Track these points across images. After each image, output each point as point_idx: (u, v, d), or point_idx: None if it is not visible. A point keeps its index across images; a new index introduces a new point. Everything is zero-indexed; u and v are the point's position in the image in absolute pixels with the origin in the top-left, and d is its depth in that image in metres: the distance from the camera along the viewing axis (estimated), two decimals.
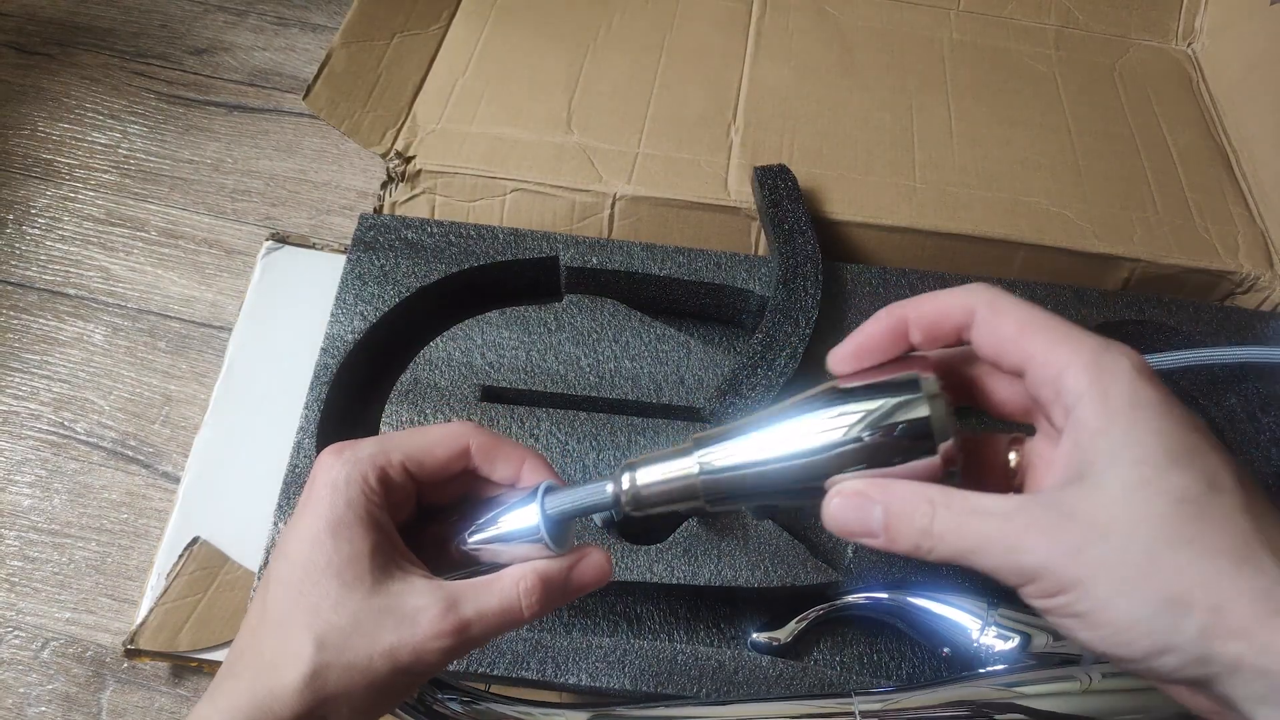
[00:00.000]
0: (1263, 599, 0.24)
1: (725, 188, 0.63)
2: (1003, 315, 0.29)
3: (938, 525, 0.28)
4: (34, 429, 0.62)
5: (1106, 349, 0.28)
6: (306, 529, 0.31)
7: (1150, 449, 0.26)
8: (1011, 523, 0.27)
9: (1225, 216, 0.65)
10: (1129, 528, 0.25)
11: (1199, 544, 0.25)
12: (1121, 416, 0.26)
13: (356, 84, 0.64)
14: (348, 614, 0.30)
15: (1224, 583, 0.24)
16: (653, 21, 0.73)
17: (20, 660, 0.54)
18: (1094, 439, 0.27)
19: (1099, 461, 0.27)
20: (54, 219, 0.71)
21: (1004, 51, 0.74)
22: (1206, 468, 0.26)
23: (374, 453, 0.32)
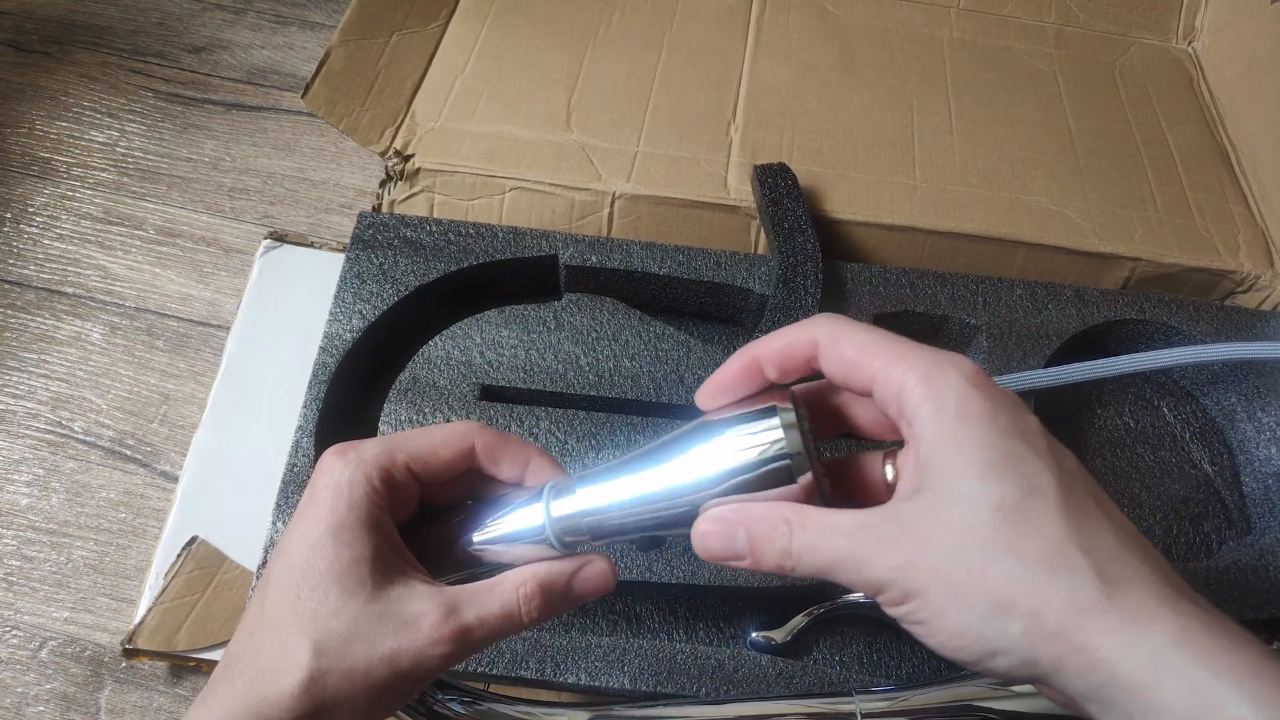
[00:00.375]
0: (1072, 600, 0.25)
1: (725, 186, 0.62)
2: (842, 342, 0.30)
3: (795, 545, 0.29)
4: (32, 428, 0.61)
5: (938, 363, 0.29)
6: (307, 531, 0.31)
7: (972, 460, 0.27)
8: (858, 538, 0.28)
9: (1226, 215, 0.65)
10: (956, 539, 0.26)
11: (1016, 551, 0.26)
12: (949, 429, 0.28)
13: (355, 82, 0.64)
14: (347, 620, 0.29)
15: (1040, 587, 0.25)
16: (652, 19, 0.73)
17: (18, 660, 0.54)
18: (928, 452, 0.28)
19: (930, 474, 0.28)
20: (52, 217, 0.71)
21: (1004, 50, 0.74)
22: (1025, 474, 0.27)
23: (378, 453, 0.32)
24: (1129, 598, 0.25)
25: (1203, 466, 0.59)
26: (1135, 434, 0.60)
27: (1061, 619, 0.25)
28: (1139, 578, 0.25)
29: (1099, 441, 0.59)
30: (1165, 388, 0.62)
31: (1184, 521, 0.57)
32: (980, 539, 0.26)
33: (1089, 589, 0.25)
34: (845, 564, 0.28)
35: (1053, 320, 0.58)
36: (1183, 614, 0.24)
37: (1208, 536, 0.57)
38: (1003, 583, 0.26)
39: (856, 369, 0.30)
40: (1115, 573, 0.25)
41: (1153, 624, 0.24)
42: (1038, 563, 0.25)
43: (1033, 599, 0.25)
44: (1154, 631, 0.24)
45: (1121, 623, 0.24)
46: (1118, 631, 0.24)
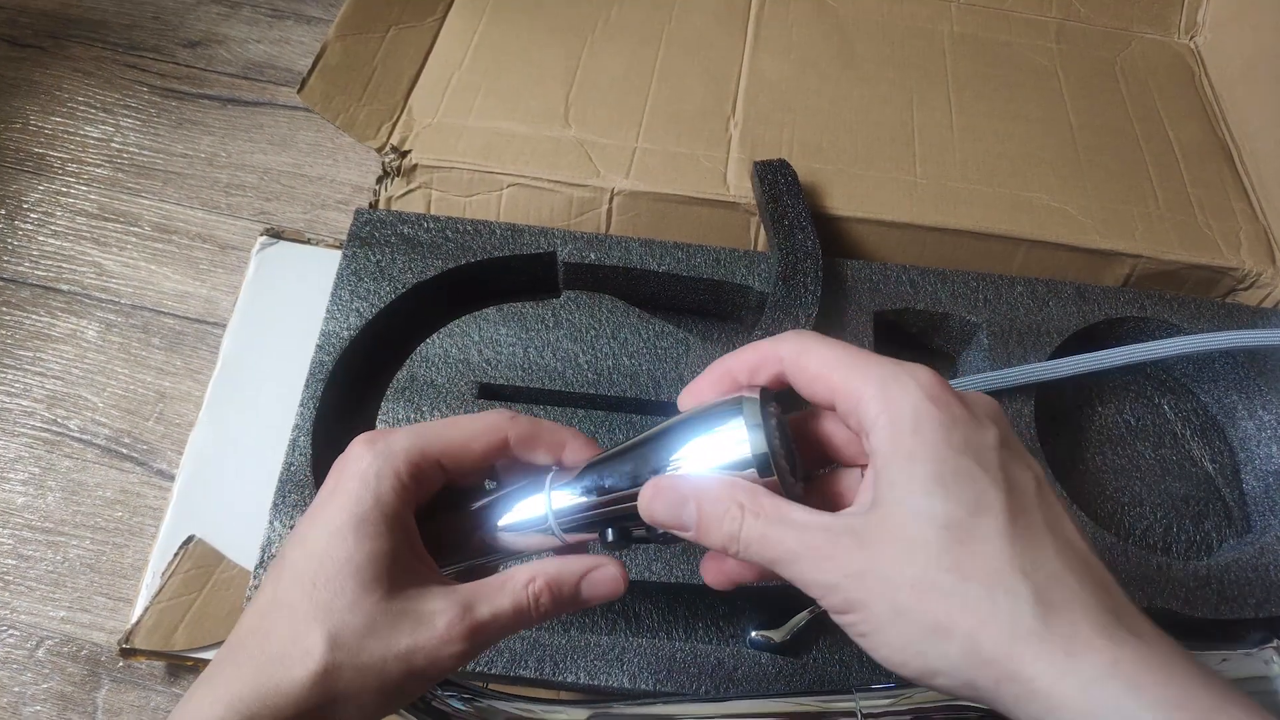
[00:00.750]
0: (1010, 626, 0.25)
1: (724, 183, 0.62)
2: (806, 357, 0.31)
3: (745, 531, 0.29)
4: (27, 426, 0.61)
5: (895, 375, 0.29)
6: (329, 521, 0.31)
7: (922, 477, 0.27)
8: (809, 538, 0.28)
9: (1227, 212, 0.65)
10: (902, 554, 0.27)
11: (959, 571, 0.26)
12: (903, 443, 0.28)
13: (352, 77, 0.63)
14: (363, 615, 0.29)
15: (979, 610, 0.25)
16: (651, 14, 0.73)
17: (15, 659, 0.54)
18: (883, 465, 0.28)
19: (883, 487, 0.28)
20: (46, 214, 0.70)
21: (1005, 45, 0.74)
22: (972, 492, 0.27)
23: (408, 446, 0.32)
24: (1066, 625, 0.25)
25: (1203, 464, 0.59)
26: (1136, 431, 0.60)
27: (998, 645, 0.25)
28: (1079, 603, 0.25)
29: (1099, 439, 0.59)
30: (1166, 385, 0.62)
31: (1184, 519, 0.57)
32: (925, 557, 0.26)
33: (1027, 615, 0.25)
34: (792, 561, 0.28)
35: (1053, 318, 0.58)
36: (1119, 643, 0.24)
37: (1208, 534, 0.57)
38: (943, 603, 0.26)
39: (819, 383, 0.30)
40: (1056, 597, 0.25)
41: (1087, 654, 0.24)
42: (979, 584, 0.25)
43: (971, 622, 0.25)
44: (1087, 662, 0.24)
45: (1057, 652, 0.24)
46: (1053, 660, 0.24)
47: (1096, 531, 0.52)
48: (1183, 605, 0.50)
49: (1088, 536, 0.28)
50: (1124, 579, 0.49)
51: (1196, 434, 0.60)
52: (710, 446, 0.31)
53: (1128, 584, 0.50)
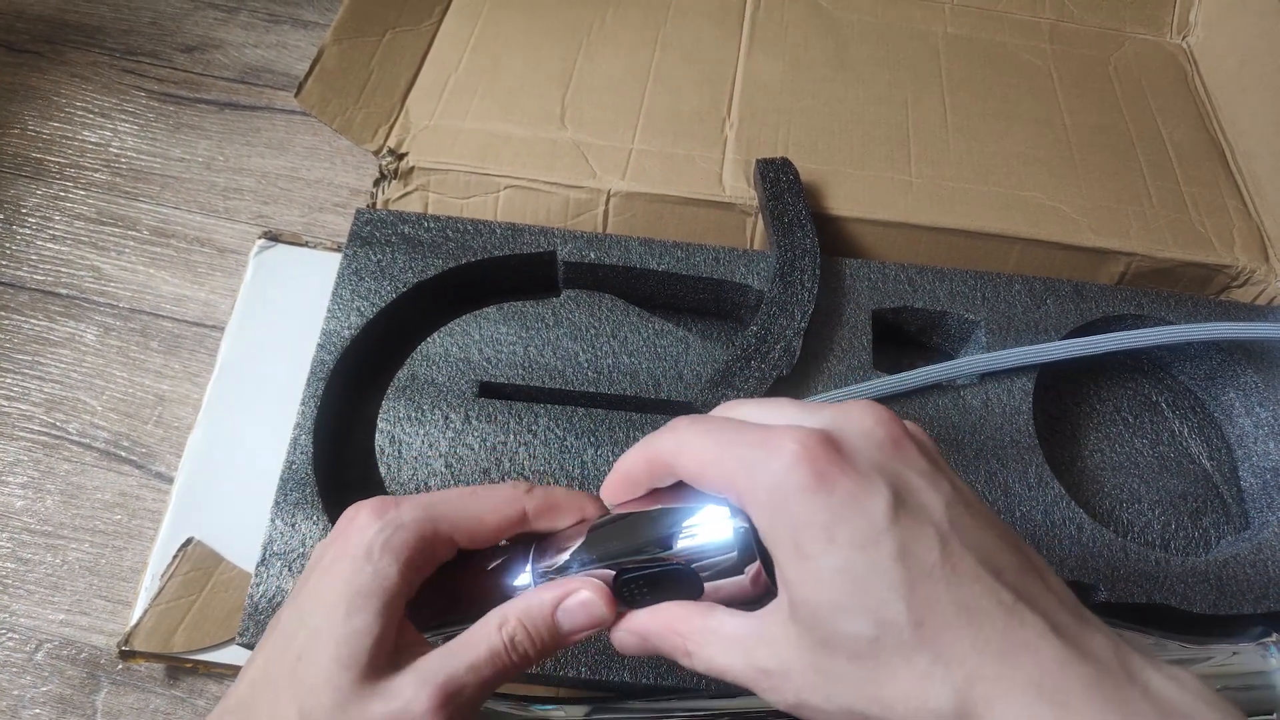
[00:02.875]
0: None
1: (720, 183, 0.62)
2: (683, 457, 0.30)
3: (698, 665, 0.30)
4: (26, 430, 0.61)
5: (756, 464, 0.27)
6: (326, 593, 0.30)
7: (819, 602, 0.26)
8: (747, 664, 0.28)
9: (1220, 210, 0.65)
10: (825, 688, 0.27)
11: (880, 700, 0.26)
12: (790, 557, 0.27)
13: (348, 81, 0.64)
14: (334, 693, 0.29)
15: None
16: (646, 16, 0.73)
17: (14, 662, 0.54)
18: (782, 577, 0.28)
19: (794, 603, 0.27)
20: (44, 218, 0.70)
21: (998, 45, 0.74)
22: (873, 604, 0.26)
23: (420, 519, 0.31)
24: (998, 714, 0.25)
25: (1201, 461, 0.59)
26: (1134, 428, 0.60)
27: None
28: (1000, 693, 0.25)
29: (1097, 436, 0.59)
30: (1163, 382, 0.62)
31: (1182, 516, 0.57)
32: (847, 690, 0.26)
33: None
34: (748, 686, 0.29)
35: (1051, 315, 0.58)
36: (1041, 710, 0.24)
37: (1206, 531, 0.57)
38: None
39: (701, 482, 0.29)
40: (977, 695, 0.25)
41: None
42: (903, 706, 0.25)
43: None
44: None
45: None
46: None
47: (1095, 529, 0.52)
48: (1181, 601, 0.50)
49: (1010, 552, 0.27)
50: (1123, 575, 0.50)
51: (1194, 431, 0.61)
52: (693, 533, 0.30)
53: (1126, 581, 0.50)
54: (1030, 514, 0.52)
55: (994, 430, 0.54)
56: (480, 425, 0.53)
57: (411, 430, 0.52)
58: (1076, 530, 0.52)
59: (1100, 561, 0.51)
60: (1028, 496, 0.53)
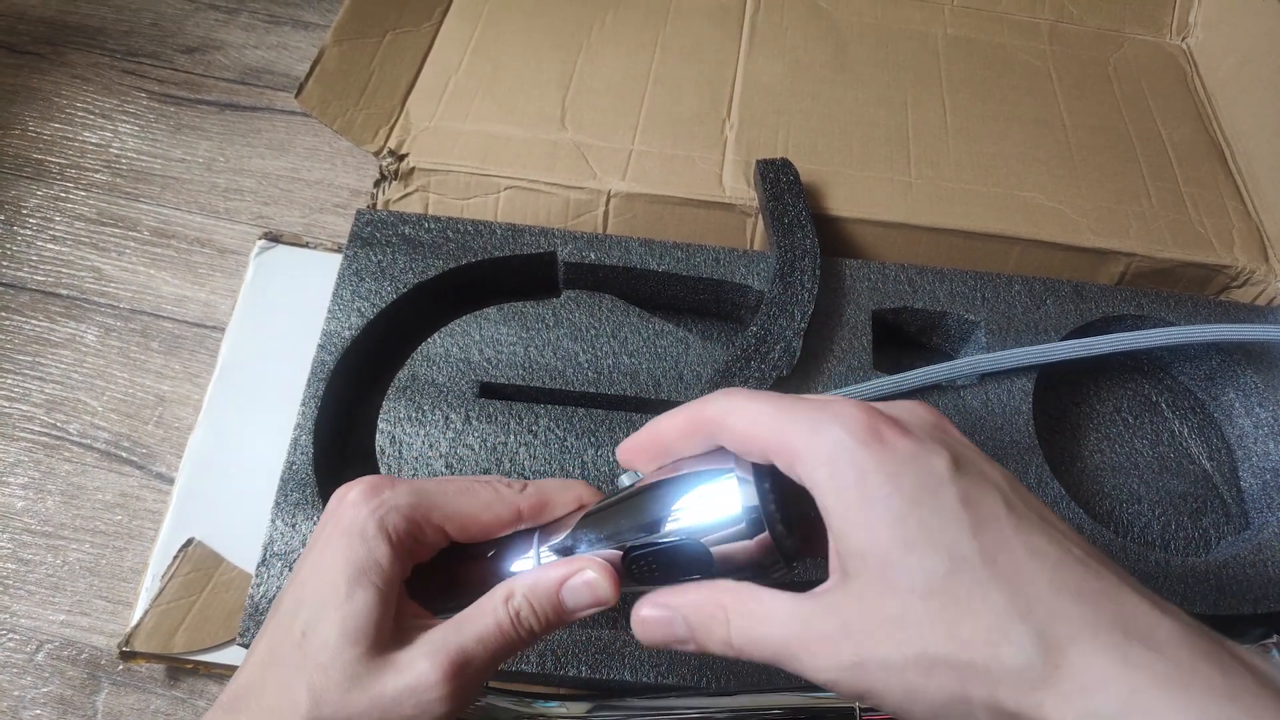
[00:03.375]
0: (1024, 678, 0.24)
1: (720, 184, 0.62)
2: (733, 416, 0.29)
3: (734, 636, 0.29)
4: (26, 431, 0.61)
5: (819, 427, 0.27)
6: (324, 571, 0.30)
7: (888, 543, 0.26)
8: (794, 632, 0.27)
9: (1220, 210, 0.66)
10: (894, 637, 0.25)
11: (957, 638, 0.25)
12: (854, 508, 0.26)
13: (349, 82, 0.64)
14: (346, 668, 0.29)
15: (990, 671, 0.24)
16: (646, 17, 0.73)
17: (14, 663, 0.54)
18: (840, 532, 0.27)
19: (851, 559, 0.27)
20: (45, 219, 0.70)
21: (998, 46, 0.74)
22: (944, 544, 0.25)
23: (412, 504, 0.32)
24: (1077, 663, 0.24)
25: (1201, 461, 0.59)
26: (1134, 429, 0.60)
27: (1017, 699, 0.24)
28: (1086, 630, 0.24)
29: (1098, 437, 0.59)
30: (1163, 383, 0.62)
31: (1182, 516, 0.57)
32: (919, 634, 0.25)
33: (1038, 664, 0.24)
34: (788, 659, 0.27)
35: (1051, 316, 0.58)
36: (1135, 667, 0.23)
37: (1206, 532, 0.57)
38: (954, 675, 0.25)
39: (751, 443, 0.29)
40: (1060, 631, 0.24)
41: (1104, 690, 0.23)
42: (982, 645, 0.24)
43: (986, 689, 0.24)
44: (1105, 699, 0.23)
45: (1074, 693, 0.24)
46: (1072, 703, 0.23)
47: (1095, 529, 0.52)
48: (1181, 601, 0.50)
49: (1071, 531, 0.27)
50: None
51: (1194, 432, 0.61)
52: (700, 506, 0.30)
53: None
54: None
55: (994, 430, 0.55)
56: (480, 426, 0.53)
57: (412, 431, 0.52)
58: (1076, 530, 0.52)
59: None
60: None
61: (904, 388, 0.54)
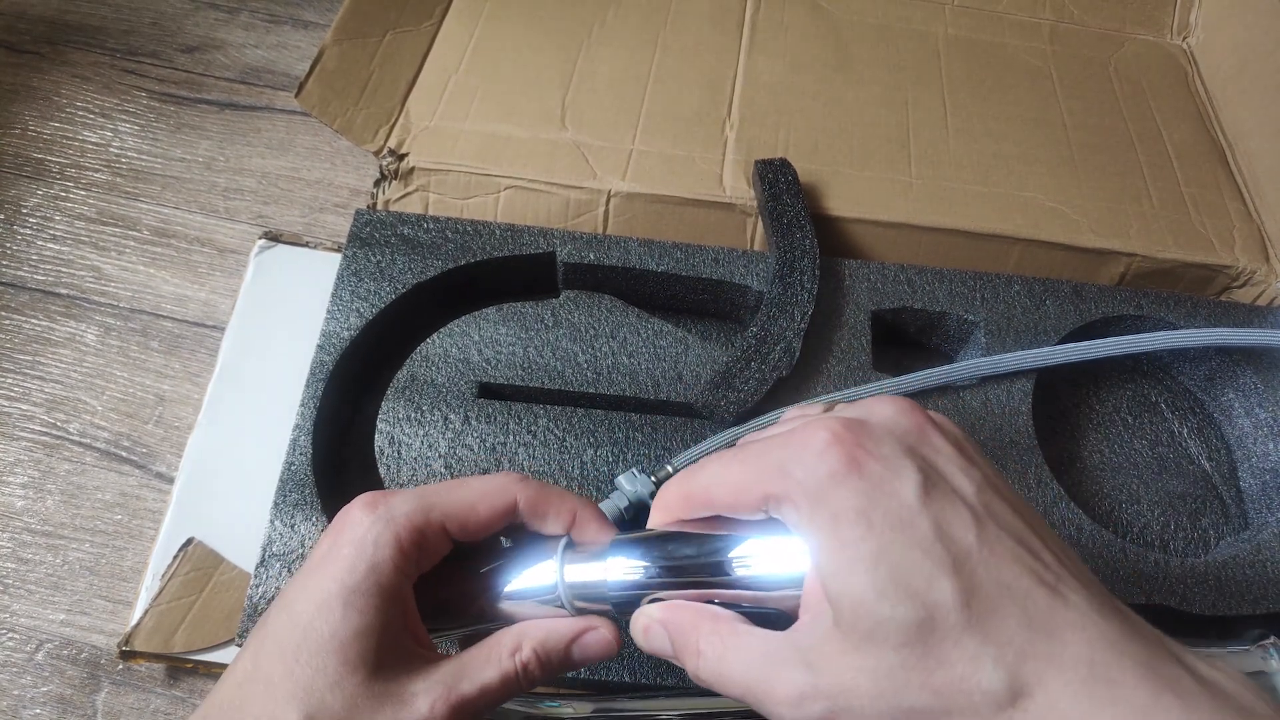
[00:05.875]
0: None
1: (720, 184, 0.62)
2: (718, 490, 0.30)
3: (703, 667, 0.28)
4: (26, 430, 0.61)
5: (785, 468, 0.27)
6: (318, 590, 0.29)
7: (859, 589, 0.25)
8: (763, 674, 0.27)
9: (1221, 211, 0.65)
10: (870, 685, 0.25)
11: (930, 687, 0.25)
12: (827, 550, 0.26)
13: (349, 81, 0.64)
14: (344, 696, 0.28)
15: (965, 714, 0.24)
16: (647, 17, 0.73)
17: (14, 662, 0.54)
18: (816, 574, 0.27)
19: (830, 601, 0.26)
20: (45, 218, 0.70)
21: (999, 46, 0.74)
22: (917, 588, 0.25)
23: (410, 510, 0.31)
24: (1043, 704, 0.24)
25: (1200, 462, 0.59)
26: (1133, 429, 0.60)
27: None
28: (1051, 672, 0.24)
29: (1097, 437, 0.59)
30: (1163, 383, 0.62)
31: (1181, 517, 0.57)
32: (894, 686, 0.25)
33: (1005, 706, 0.24)
34: (754, 701, 0.27)
35: (1050, 316, 0.58)
36: (1099, 706, 0.23)
37: (1205, 532, 0.57)
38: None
39: (740, 503, 0.29)
40: (1028, 674, 0.24)
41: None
42: (955, 693, 0.24)
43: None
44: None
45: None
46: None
47: (1095, 529, 0.52)
48: (1180, 602, 0.50)
49: (1044, 542, 0.27)
50: (1122, 576, 0.50)
51: (1194, 432, 0.61)
52: (761, 566, 0.29)
53: (1126, 581, 0.50)
54: None
55: (994, 431, 0.54)
56: (480, 426, 0.53)
57: (411, 431, 0.52)
58: (1076, 531, 0.52)
59: (1100, 562, 0.51)
60: (1027, 497, 0.52)
61: (903, 389, 0.54)
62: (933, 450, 0.28)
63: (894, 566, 0.25)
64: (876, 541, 0.25)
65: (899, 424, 0.28)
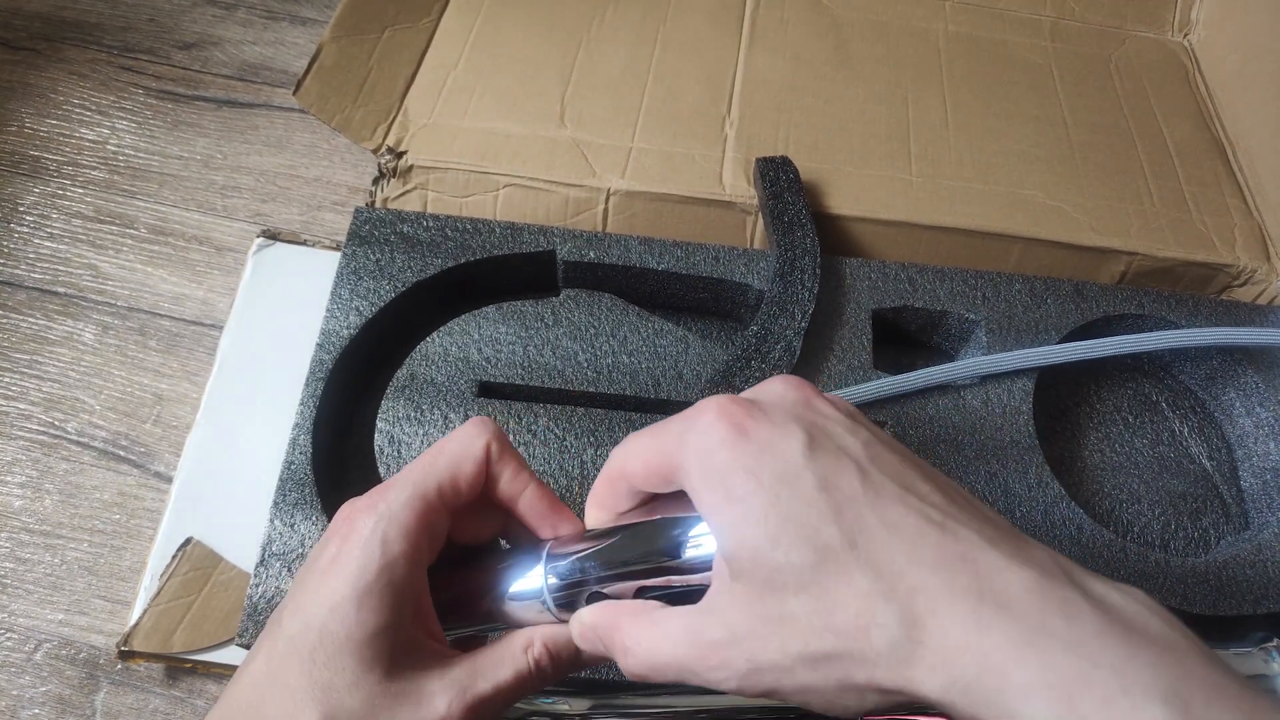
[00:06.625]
0: (895, 661, 0.25)
1: (720, 182, 0.62)
2: (630, 463, 0.31)
3: (633, 665, 0.29)
4: (24, 429, 0.61)
5: (682, 438, 0.28)
6: (331, 592, 0.29)
7: (754, 541, 0.26)
8: (689, 651, 0.28)
9: (1222, 209, 0.65)
10: (779, 637, 0.26)
11: (833, 629, 0.25)
12: (722, 509, 0.27)
13: (347, 78, 0.63)
14: (363, 696, 0.28)
15: (866, 658, 0.25)
16: (646, 14, 0.73)
17: (13, 662, 0.54)
18: (718, 536, 0.27)
19: (730, 564, 0.27)
20: (42, 217, 0.70)
21: (999, 43, 0.74)
22: (807, 535, 0.26)
23: (409, 500, 0.31)
24: (936, 635, 0.24)
25: (1201, 461, 0.59)
26: (1134, 429, 0.60)
27: (893, 678, 0.25)
28: (942, 603, 0.24)
29: (1097, 437, 0.59)
30: (1164, 383, 0.62)
31: (1182, 516, 0.57)
32: (798, 630, 0.26)
33: (902, 642, 0.24)
34: (689, 677, 0.28)
35: (1051, 315, 0.58)
36: (986, 630, 0.24)
37: (1205, 532, 0.57)
38: (837, 665, 0.25)
39: (651, 481, 0.30)
40: (920, 607, 0.25)
41: (961, 657, 0.24)
42: (854, 632, 0.25)
43: (864, 671, 0.25)
44: (964, 666, 0.24)
45: (938, 665, 0.24)
46: (937, 675, 0.24)
47: (1095, 529, 0.52)
48: (1181, 602, 0.50)
49: (932, 486, 0.27)
50: (1122, 576, 0.50)
51: (1194, 431, 0.60)
52: (701, 542, 0.30)
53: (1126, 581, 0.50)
54: (1030, 514, 0.52)
55: (994, 430, 0.54)
56: None
57: (411, 430, 0.52)
58: (1076, 530, 0.52)
59: (1100, 562, 0.51)
60: (1028, 497, 0.52)
61: (904, 388, 0.54)
62: (820, 416, 0.29)
63: (783, 515, 0.26)
64: (765, 495, 0.26)
65: (787, 396, 0.30)
